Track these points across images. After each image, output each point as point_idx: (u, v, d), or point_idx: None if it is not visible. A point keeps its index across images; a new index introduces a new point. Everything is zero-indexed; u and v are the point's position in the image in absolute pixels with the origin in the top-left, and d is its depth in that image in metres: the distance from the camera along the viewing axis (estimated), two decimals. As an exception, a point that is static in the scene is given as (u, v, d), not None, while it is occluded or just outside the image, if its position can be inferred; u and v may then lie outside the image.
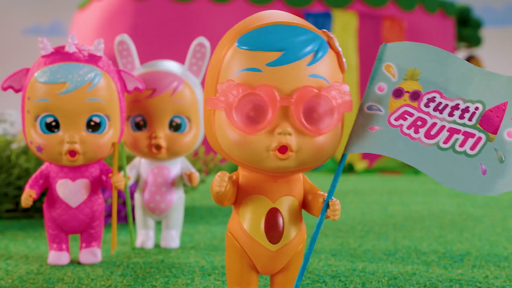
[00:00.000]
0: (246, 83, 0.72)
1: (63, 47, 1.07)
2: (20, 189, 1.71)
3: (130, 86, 1.14)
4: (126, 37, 1.28)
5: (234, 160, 0.76)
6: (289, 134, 0.73)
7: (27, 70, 1.08)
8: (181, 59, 1.38)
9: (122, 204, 1.62)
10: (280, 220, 0.78)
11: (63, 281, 1.00)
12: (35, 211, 1.75)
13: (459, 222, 1.69)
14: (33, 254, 1.24)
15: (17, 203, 1.75)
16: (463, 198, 2.33)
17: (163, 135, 1.23)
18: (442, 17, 6.68)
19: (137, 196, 1.30)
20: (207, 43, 1.29)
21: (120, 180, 1.11)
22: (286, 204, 0.79)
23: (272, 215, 0.78)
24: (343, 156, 0.78)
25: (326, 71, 0.74)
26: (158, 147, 1.22)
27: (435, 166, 0.73)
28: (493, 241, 1.39)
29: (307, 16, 5.73)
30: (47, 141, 1.06)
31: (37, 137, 1.06)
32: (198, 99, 1.25)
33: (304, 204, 0.81)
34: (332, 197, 0.77)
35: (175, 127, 1.23)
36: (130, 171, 1.28)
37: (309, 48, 0.73)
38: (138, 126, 1.24)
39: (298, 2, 5.85)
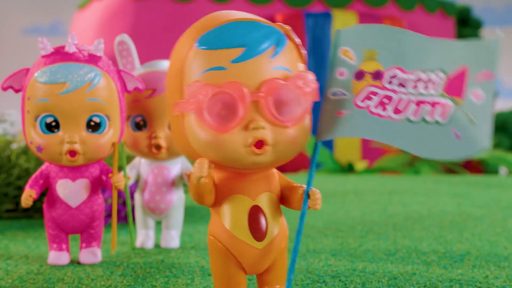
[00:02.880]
0: (213, 82, 0.73)
1: (63, 47, 1.07)
2: (20, 189, 1.71)
3: (130, 86, 1.14)
4: (126, 37, 1.28)
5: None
6: (263, 128, 0.73)
7: (27, 70, 1.08)
8: (181, 59, 1.37)
9: (122, 204, 1.62)
10: (263, 217, 0.78)
11: (63, 281, 1.00)
12: (35, 211, 1.75)
13: (459, 222, 1.69)
14: (33, 254, 1.24)
15: (17, 203, 1.75)
16: (463, 198, 2.33)
17: (163, 135, 1.23)
18: (442, 17, 6.68)
19: (137, 196, 1.30)
20: (207, 43, 1.28)
21: (120, 180, 1.11)
22: (266, 201, 0.79)
23: (254, 213, 0.78)
24: (316, 143, 0.78)
25: (289, 62, 0.76)
26: (158, 147, 1.22)
27: (409, 139, 0.74)
28: (493, 241, 1.39)
29: (307, 16, 5.73)
30: (47, 141, 1.06)
31: (37, 137, 1.06)
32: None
33: (283, 199, 0.81)
34: (312, 187, 0.78)
35: (175, 127, 1.23)
36: (130, 171, 1.28)
37: (269, 42, 0.74)
38: (138, 126, 1.24)
39: (298, 2, 5.85)
